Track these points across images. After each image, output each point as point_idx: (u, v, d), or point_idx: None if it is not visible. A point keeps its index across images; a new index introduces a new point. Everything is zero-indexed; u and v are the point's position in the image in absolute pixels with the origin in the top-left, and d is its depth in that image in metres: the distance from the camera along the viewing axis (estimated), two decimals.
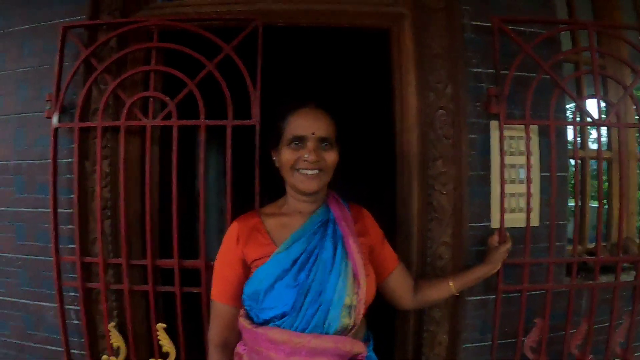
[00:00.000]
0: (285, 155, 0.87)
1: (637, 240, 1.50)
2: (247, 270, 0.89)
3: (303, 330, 0.81)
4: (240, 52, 1.21)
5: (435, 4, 1.24)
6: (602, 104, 1.39)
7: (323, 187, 0.90)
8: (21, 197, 1.33)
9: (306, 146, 0.85)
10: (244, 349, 0.89)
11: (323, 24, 1.27)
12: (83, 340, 1.26)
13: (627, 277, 1.33)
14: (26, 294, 1.33)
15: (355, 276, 0.86)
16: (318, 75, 2.02)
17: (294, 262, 0.85)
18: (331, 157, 0.87)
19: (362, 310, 0.85)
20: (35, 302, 1.33)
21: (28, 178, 1.33)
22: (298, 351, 0.80)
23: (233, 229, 0.91)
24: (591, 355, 1.26)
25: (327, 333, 0.82)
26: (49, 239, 1.26)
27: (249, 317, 0.87)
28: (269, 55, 1.24)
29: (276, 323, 0.82)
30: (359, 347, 0.85)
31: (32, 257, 1.32)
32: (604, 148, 1.49)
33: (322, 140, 0.86)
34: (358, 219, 0.96)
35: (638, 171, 1.51)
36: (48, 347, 1.32)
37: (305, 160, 0.85)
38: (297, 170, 0.86)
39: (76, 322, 1.28)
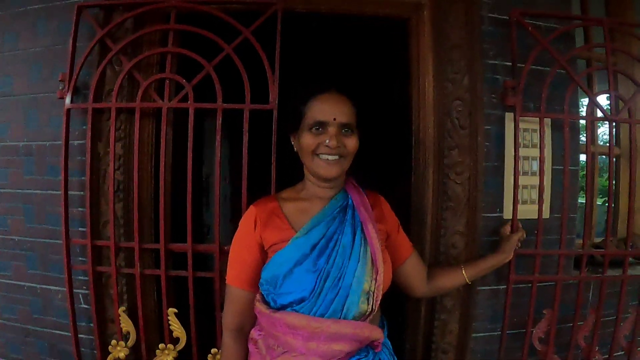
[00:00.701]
0: (306, 140, 0.86)
1: None
2: (264, 254, 0.89)
3: (322, 316, 0.81)
4: (257, 38, 1.20)
5: None
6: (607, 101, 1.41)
7: (343, 173, 0.90)
8: (31, 178, 1.31)
9: (327, 131, 0.84)
10: (260, 334, 0.89)
11: (343, 11, 1.27)
12: (92, 324, 1.24)
13: (633, 271, 1.36)
14: (34, 277, 1.31)
15: (373, 262, 0.86)
16: (334, 63, 2.02)
17: (314, 246, 0.84)
18: (352, 143, 0.87)
19: (379, 296, 0.85)
20: (42, 286, 1.31)
21: (38, 159, 1.31)
22: (317, 336, 0.80)
23: (250, 213, 0.91)
24: (597, 348, 1.28)
25: (345, 318, 0.82)
26: (58, 222, 1.24)
27: (265, 302, 0.87)
28: (286, 41, 1.23)
29: (294, 308, 0.82)
30: (377, 333, 0.85)
31: (41, 239, 1.30)
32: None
33: (343, 126, 0.85)
34: (375, 206, 0.96)
35: None
36: (55, 331, 1.30)
37: (326, 146, 0.84)
38: (318, 155, 0.86)
39: (85, 306, 1.27)
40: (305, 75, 1.35)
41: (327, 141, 0.84)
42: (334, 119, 0.84)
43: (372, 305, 0.84)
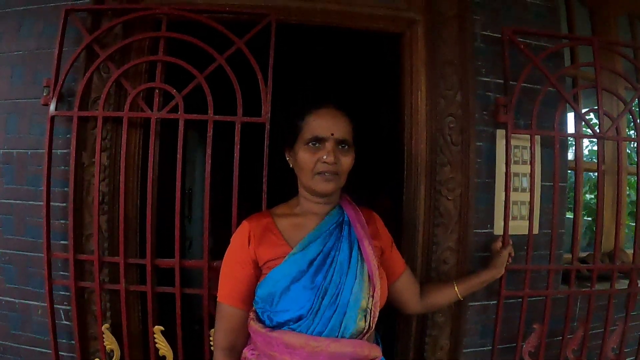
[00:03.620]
0: (304, 157, 0.85)
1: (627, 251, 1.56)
2: (258, 271, 0.87)
3: (320, 334, 0.79)
4: (251, 49, 1.19)
5: (448, 12, 1.26)
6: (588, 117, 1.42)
7: (338, 189, 0.89)
8: (10, 188, 1.26)
9: (325, 147, 0.84)
10: (253, 354, 0.86)
11: (337, 24, 1.27)
12: (73, 342, 1.19)
13: (618, 285, 1.38)
14: (12, 292, 1.25)
15: (370, 279, 0.85)
16: (327, 76, 2.01)
17: (311, 263, 0.83)
18: (347, 160, 0.86)
19: (377, 313, 0.85)
20: (21, 301, 1.25)
21: (19, 168, 1.25)
22: (316, 356, 0.78)
23: (244, 229, 0.89)
24: None
25: (343, 336, 0.80)
26: (39, 234, 1.19)
27: (260, 320, 0.84)
28: (279, 53, 1.22)
29: (291, 326, 0.80)
30: (376, 351, 0.85)
31: (20, 252, 1.24)
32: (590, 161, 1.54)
33: (340, 142, 0.85)
34: (370, 222, 0.95)
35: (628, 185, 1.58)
36: (34, 348, 1.24)
37: (324, 162, 0.83)
38: (318, 174, 0.85)
39: (66, 322, 1.21)
40: (299, 88, 1.34)
41: (325, 157, 0.83)
42: (332, 135, 0.84)
43: (370, 323, 0.83)
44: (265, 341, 0.82)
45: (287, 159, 0.92)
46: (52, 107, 1.18)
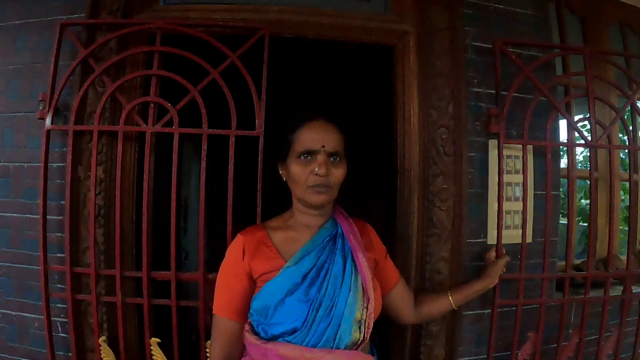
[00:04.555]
0: (296, 170, 0.86)
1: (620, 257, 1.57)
2: (252, 284, 0.87)
3: (314, 346, 0.80)
4: (245, 63, 1.20)
5: (439, 24, 1.27)
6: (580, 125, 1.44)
7: (331, 201, 0.90)
8: (7, 201, 1.26)
9: (316, 159, 0.84)
10: None
11: (330, 37, 1.27)
12: (70, 354, 1.20)
13: (612, 291, 1.39)
14: (9, 304, 1.26)
15: (364, 290, 0.86)
16: (321, 88, 2.03)
17: (305, 276, 0.84)
18: (339, 172, 0.87)
19: (371, 324, 0.85)
20: (18, 313, 1.25)
21: (15, 181, 1.26)
22: None
23: (238, 242, 0.89)
24: None
25: (337, 348, 0.81)
26: (35, 247, 1.20)
27: (255, 332, 0.85)
28: (273, 67, 1.23)
29: (286, 339, 0.81)
30: None
31: (17, 265, 1.25)
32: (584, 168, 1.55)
33: (331, 154, 0.86)
34: (363, 234, 0.96)
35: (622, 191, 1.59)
36: None
37: (316, 174, 0.84)
38: (310, 187, 0.86)
39: (63, 335, 1.22)
40: (293, 101, 1.35)
41: (317, 169, 0.84)
42: (323, 147, 0.84)
43: (364, 334, 0.83)
44: (260, 353, 0.82)
45: (280, 172, 0.93)
46: (47, 121, 1.19)
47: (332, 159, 0.86)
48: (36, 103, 1.22)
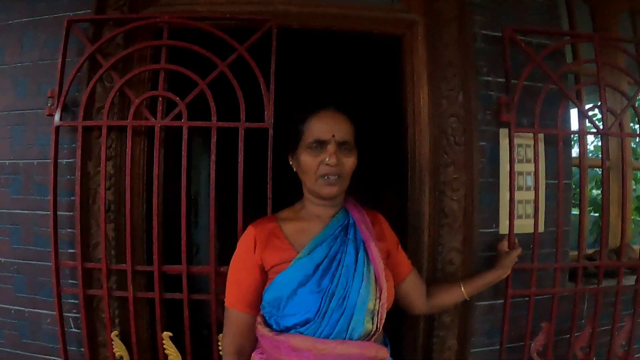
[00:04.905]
0: (307, 160, 0.85)
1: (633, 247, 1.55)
2: (264, 276, 0.87)
3: (327, 336, 0.80)
4: (252, 55, 1.19)
5: (448, 13, 1.26)
6: (591, 114, 1.42)
7: (342, 191, 0.89)
8: (17, 198, 1.27)
9: (326, 149, 0.84)
10: (261, 357, 0.87)
11: (337, 28, 1.27)
12: (82, 349, 1.20)
13: (625, 281, 1.38)
14: (22, 301, 1.27)
15: (377, 280, 0.85)
16: (331, 79, 2.02)
17: (317, 267, 0.83)
18: (349, 162, 0.86)
19: (384, 315, 0.85)
20: (31, 310, 1.26)
21: (25, 178, 1.26)
22: (323, 358, 0.79)
23: (249, 234, 0.89)
24: (594, 358, 1.30)
25: (350, 338, 0.81)
26: (46, 243, 1.20)
27: (267, 324, 0.85)
28: (281, 58, 1.22)
29: (299, 330, 0.81)
30: (383, 353, 0.85)
31: (29, 261, 1.26)
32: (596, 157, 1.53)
33: (342, 143, 0.85)
34: (375, 224, 0.96)
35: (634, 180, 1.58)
36: (44, 356, 1.25)
37: (326, 165, 0.83)
38: (321, 177, 0.85)
39: (75, 330, 1.22)
40: (302, 92, 1.34)
41: (327, 159, 0.83)
42: (333, 137, 0.84)
43: (377, 324, 0.83)
44: (273, 345, 0.82)
45: (291, 163, 0.93)
46: (56, 117, 1.19)
47: (342, 148, 0.85)
48: (45, 100, 1.22)
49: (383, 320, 0.85)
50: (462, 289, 1.08)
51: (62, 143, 1.21)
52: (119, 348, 1.19)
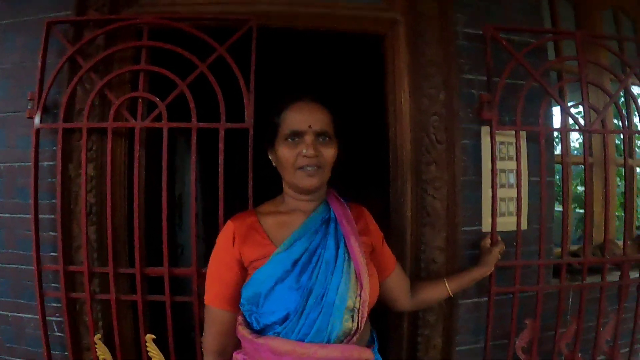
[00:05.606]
0: (284, 153, 0.83)
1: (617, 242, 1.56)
2: (244, 272, 0.85)
3: (305, 335, 0.78)
4: (233, 56, 1.19)
5: (429, 11, 1.26)
6: (575, 111, 1.43)
7: (323, 184, 0.87)
8: None
9: (304, 140, 0.82)
10: (244, 358, 0.86)
11: (319, 27, 1.26)
12: (66, 353, 1.19)
13: (610, 277, 1.38)
14: (5, 305, 1.26)
15: (357, 277, 0.83)
16: (312, 79, 2.02)
17: (295, 262, 0.81)
18: (329, 152, 0.84)
19: (365, 313, 0.82)
20: (14, 314, 1.25)
21: (7, 181, 1.25)
22: None
23: (228, 229, 0.87)
24: (579, 354, 1.30)
25: (329, 338, 0.79)
26: (28, 247, 1.19)
27: (247, 323, 0.84)
28: (262, 58, 1.22)
29: (277, 329, 0.80)
30: (366, 354, 0.82)
31: (11, 265, 1.25)
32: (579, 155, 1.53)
33: (319, 134, 0.83)
34: (359, 218, 0.94)
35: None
36: None
37: (304, 156, 0.81)
38: (299, 169, 0.83)
39: (59, 334, 1.22)
40: (283, 92, 1.34)
41: (305, 150, 0.81)
42: (310, 127, 0.82)
43: (358, 323, 0.81)
44: (253, 347, 0.81)
45: (270, 157, 0.91)
46: (36, 119, 1.18)
47: (320, 139, 0.83)
48: (26, 103, 1.21)
49: (364, 319, 0.82)
50: (447, 286, 1.08)
51: (43, 145, 1.20)
52: (102, 351, 1.19)
